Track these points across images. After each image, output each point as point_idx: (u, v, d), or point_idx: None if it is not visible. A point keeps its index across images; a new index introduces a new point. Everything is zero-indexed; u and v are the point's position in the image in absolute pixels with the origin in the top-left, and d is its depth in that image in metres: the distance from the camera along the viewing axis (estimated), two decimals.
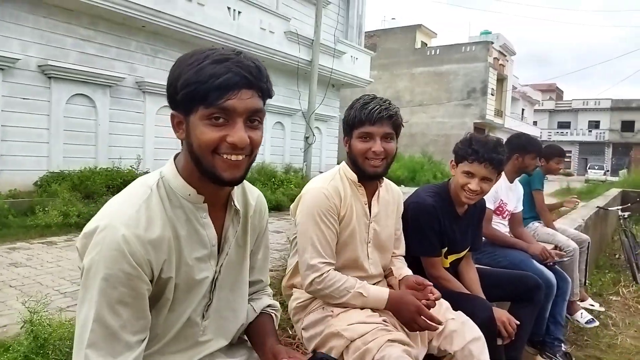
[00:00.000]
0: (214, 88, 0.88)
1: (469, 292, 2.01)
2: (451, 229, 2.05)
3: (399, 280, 1.76)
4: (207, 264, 1.04)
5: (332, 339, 1.55)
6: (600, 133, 44.69)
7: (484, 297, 2.02)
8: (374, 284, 1.70)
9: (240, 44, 10.79)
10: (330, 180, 1.70)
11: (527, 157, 3.07)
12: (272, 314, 1.26)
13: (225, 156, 0.92)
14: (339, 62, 14.12)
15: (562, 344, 2.82)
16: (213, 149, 0.92)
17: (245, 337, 1.23)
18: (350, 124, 1.68)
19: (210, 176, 0.95)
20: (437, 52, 27.60)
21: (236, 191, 1.08)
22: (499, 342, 1.92)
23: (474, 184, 1.97)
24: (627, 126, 43.88)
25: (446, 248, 2.08)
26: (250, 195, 1.17)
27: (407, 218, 1.98)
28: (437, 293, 1.60)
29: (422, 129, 27.02)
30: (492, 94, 27.02)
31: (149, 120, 9.87)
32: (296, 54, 12.45)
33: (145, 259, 0.90)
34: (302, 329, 1.68)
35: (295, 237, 1.70)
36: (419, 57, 27.86)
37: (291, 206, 1.76)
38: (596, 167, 34.71)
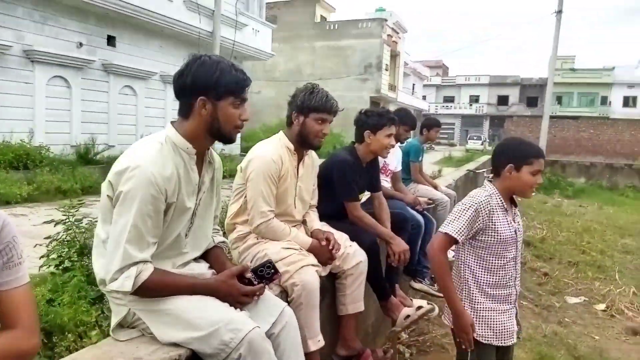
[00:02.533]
0: (242, 86, 1.51)
1: (367, 227, 2.65)
2: (360, 177, 2.73)
3: (311, 232, 2.34)
4: (192, 198, 1.54)
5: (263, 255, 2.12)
6: (480, 107, 49.47)
7: (390, 230, 2.77)
8: (295, 226, 2.31)
9: (135, 12, 10.52)
10: (274, 147, 2.24)
11: (401, 128, 3.85)
12: (223, 247, 1.81)
13: (237, 128, 1.55)
14: (241, 34, 14.18)
15: (429, 270, 3.66)
16: (234, 123, 1.53)
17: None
18: (312, 107, 2.23)
19: (223, 138, 1.55)
20: (336, 27, 28.41)
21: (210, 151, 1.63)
22: (394, 264, 2.69)
23: (393, 141, 2.82)
24: (502, 100, 49.14)
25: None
26: (215, 156, 1.68)
27: (331, 174, 2.59)
28: (338, 245, 2.23)
29: None
30: (386, 69, 28.63)
31: (39, 92, 9.37)
32: (197, 24, 12.34)
33: (163, 188, 1.40)
34: (239, 252, 2.22)
35: (239, 188, 2.23)
36: (319, 31, 28.47)
37: (240, 165, 2.27)
38: (475, 138, 38.54)
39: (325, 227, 2.42)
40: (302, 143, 2.29)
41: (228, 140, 1.55)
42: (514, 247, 1.97)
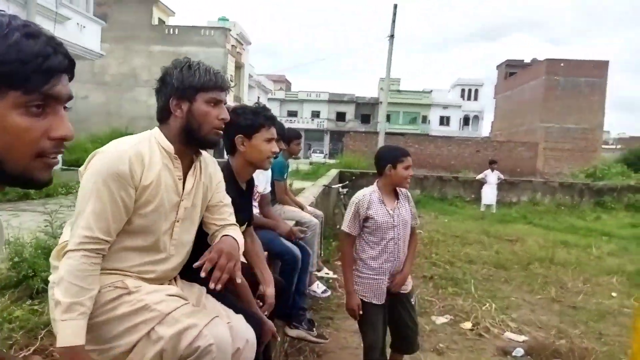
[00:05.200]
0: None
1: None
2: (240, 206, 1.94)
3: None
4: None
5: (140, 313, 1.38)
6: (321, 122, 51.87)
7: (269, 269, 2.09)
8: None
9: None
10: (135, 143, 1.43)
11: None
12: None
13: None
14: (63, 28, 12.11)
15: (306, 312, 3.07)
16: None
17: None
18: (198, 86, 1.49)
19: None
20: (176, 32, 26.78)
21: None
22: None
23: (275, 147, 2.05)
24: (340, 116, 52.31)
25: None
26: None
27: None
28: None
29: None
30: (231, 81, 27.89)
31: None
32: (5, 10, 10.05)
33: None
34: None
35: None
36: (157, 34, 26.47)
37: (80, 169, 1.44)
38: (317, 151, 40.28)
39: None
40: (190, 141, 1.54)
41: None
42: (392, 231, 2.54)
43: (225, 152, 2.15)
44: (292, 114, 52.61)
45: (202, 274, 1.45)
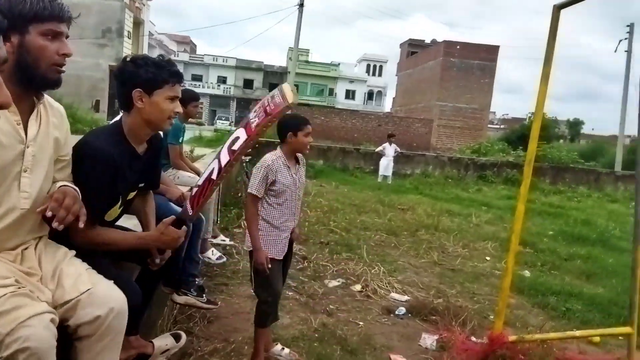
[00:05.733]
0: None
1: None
2: (130, 173, 1.78)
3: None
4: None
5: None
6: (227, 88, 50.32)
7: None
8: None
9: None
10: None
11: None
12: None
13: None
14: None
15: (197, 279, 3.02)
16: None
17: None
18: (27, 16, 1.31)
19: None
20: None
21: None
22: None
23: (179, 106, 1.84)
24: (248, 84, 51.14)
25: (120, 200, 1.81)
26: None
27: (75, 172, 1.64)
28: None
29: None
30: (128, 37, 25.86)
31: None
32: None
33: None
34: None
35: None
36: None
37: None
38: (223, 118, 39.08)
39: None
40: (26, 81, 1.39)
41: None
42: (294, 192, 2.82)
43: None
44: (197, 78, 50.33)
45: (48, 214, 1.36)
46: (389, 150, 12.97)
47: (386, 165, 12.98)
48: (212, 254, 4.02)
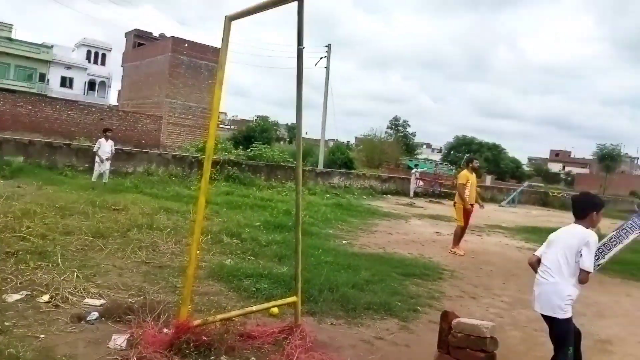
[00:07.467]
0: None
1: None
2: None
3: None
4: None
5: None
6: None
7: None
8: None
9: None
10: None
11: None
12: None
13: None
14: None
15: None
16: None
17: None
18: None
19: None
20: None
21: None
22: None
23: None
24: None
25: None
26: None
27: None
28: None
29: None
30: None
31: None
32: None
33: None
34: None
35: None
36: None
37: None
38: None
39: None
40: None
41: None
42: None
43: None
44: None
45: None
46: (106, 146, 12.09)
47: (103, 163, 12.06)
48: None
